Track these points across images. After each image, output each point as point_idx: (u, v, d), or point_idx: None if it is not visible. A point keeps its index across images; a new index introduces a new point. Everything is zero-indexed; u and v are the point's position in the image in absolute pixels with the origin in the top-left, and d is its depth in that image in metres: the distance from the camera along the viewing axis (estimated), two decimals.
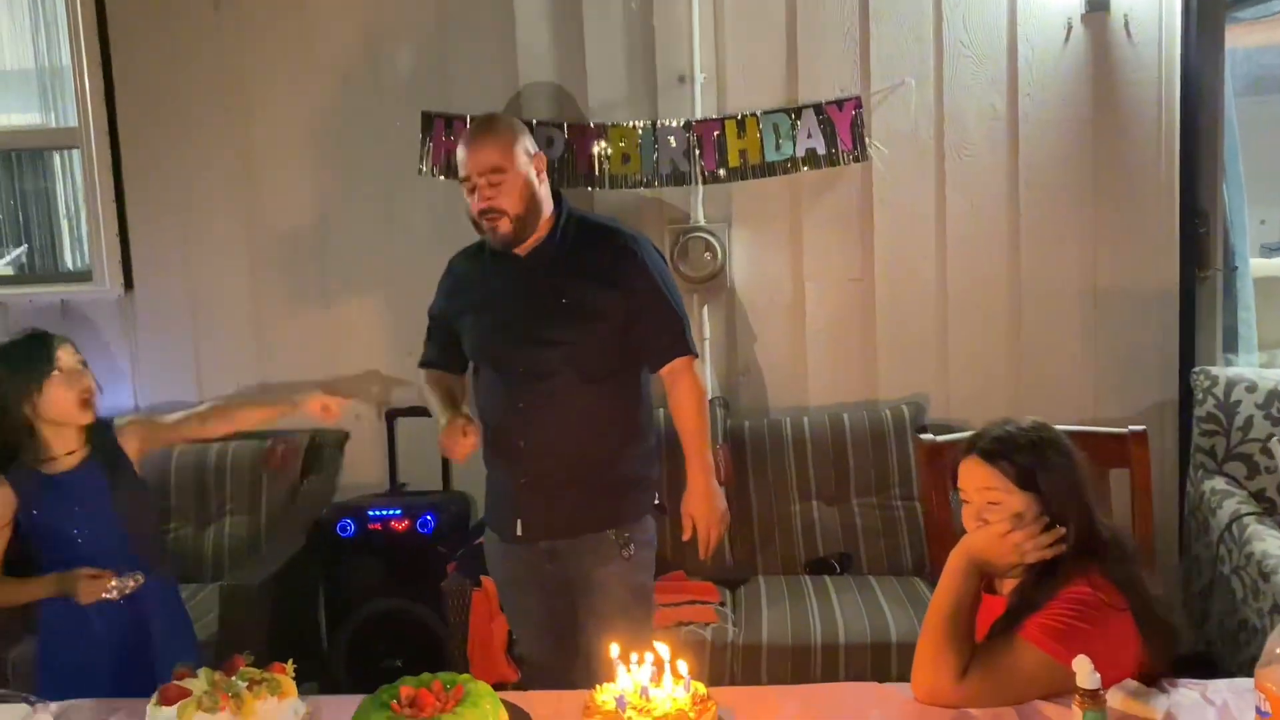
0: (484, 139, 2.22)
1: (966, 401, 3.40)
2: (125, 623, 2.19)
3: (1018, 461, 1.73)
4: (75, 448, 2.19)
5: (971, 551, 1.75)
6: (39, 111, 3.91)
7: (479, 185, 2.20)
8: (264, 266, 3.59)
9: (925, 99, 3.32)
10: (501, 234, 2.22)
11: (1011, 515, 1.71)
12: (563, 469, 2.26)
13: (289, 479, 3.41)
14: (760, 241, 3.44)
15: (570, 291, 2.25)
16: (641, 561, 2.32)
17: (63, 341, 2.19)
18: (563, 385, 2.24)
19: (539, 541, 2.30)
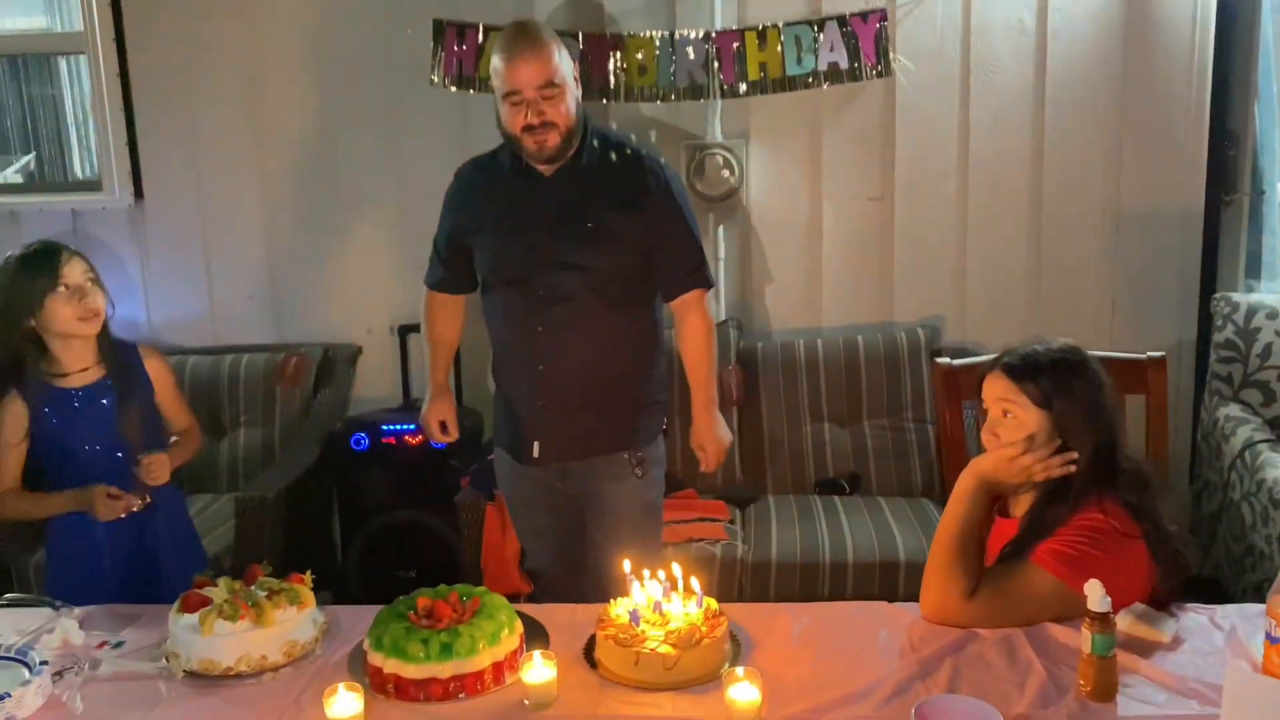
0: (531, 51, 2.11)
1: (983, 324, 3.38)
2: (131, 535, 2.21)
3: (1039, 380, 1.72)
4: (88, 364, 2.18)
5: (981, 471, 1.75)
6: (44, 15, 3.82)
7: (530, 100, 2.10)
8: (273, 176, 3.54)
9: (951, 12, 3.22)
10: (550, 148, 2.14)
11: (1024, 436, 1.71)
12: (580, 393, 2.23)
13: (302, 392, 3.42)
14: (778, 159, 3.37)
15: (595, 214, 2.19)
16: (652, 480, 2.33)
17: (72, 256, 2.16)
18: (583, 309, 2.20)
19: (556, 464, 2.30)
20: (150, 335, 3.60)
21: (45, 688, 1.51)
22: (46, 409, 2.15)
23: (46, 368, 2.16)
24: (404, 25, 3.33)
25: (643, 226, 2.21)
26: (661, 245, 2.24)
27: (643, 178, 2.23)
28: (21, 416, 2.15)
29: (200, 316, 3.64)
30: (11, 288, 2.11)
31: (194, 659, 1.58)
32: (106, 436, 2.19)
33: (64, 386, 2.16)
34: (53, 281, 2.10)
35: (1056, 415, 1.70)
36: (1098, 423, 1.71)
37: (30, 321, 2.11)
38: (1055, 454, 1.70)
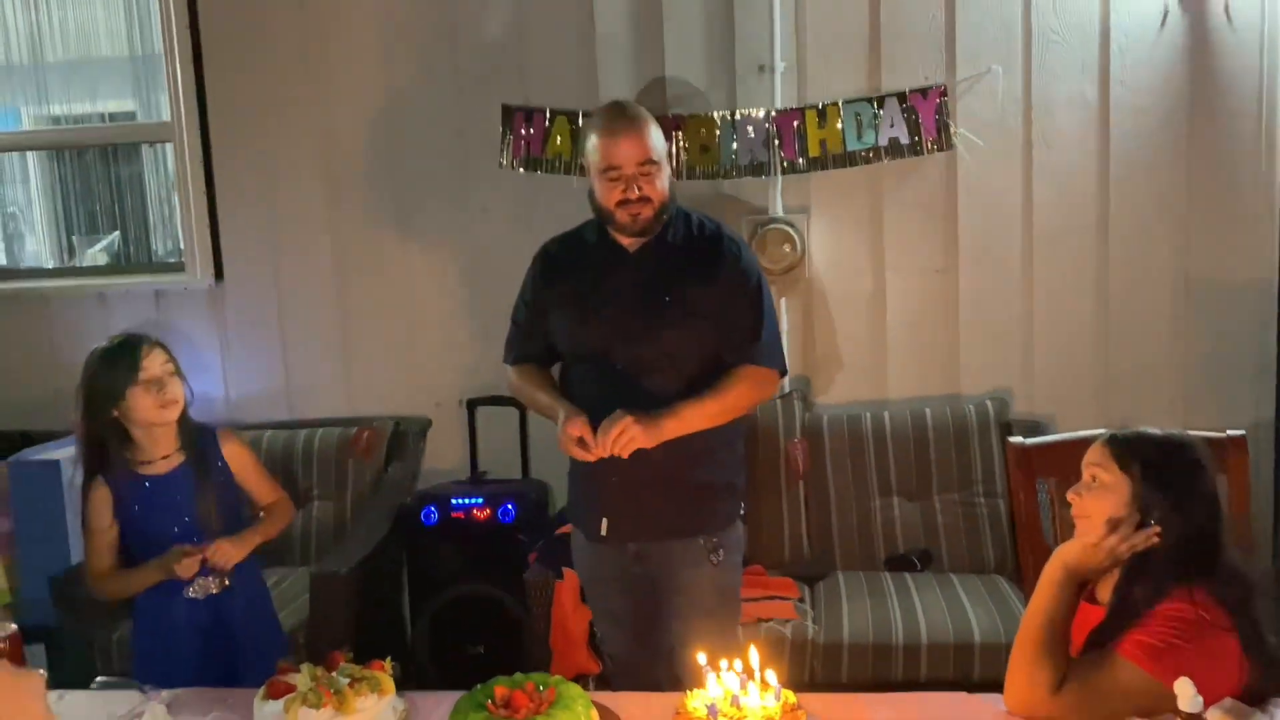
0: (631, 129, 2.20)
1: (1051, 397, 3.34)
2: (210, 615, 2.26)
3: (1134, 449, 1.71)
4: (170, 451, 2.26)
5: (1066, 560, 1.74)
6: (132, 98, 4.02)
7: (630, 175, 2.18)
8: (346, 254, 3.66)
9: (1012, 87, 3.25)
10: (643, 219, 2.21)
11: (1104, 510, 1.69)
12: (654, 471, 2.20)
13: (374, 465, 3.49)
14: (840, 232, 3.40)
15: (674, 290, 2.23)
16: (730, 565, 2.30)
17: (152, 347, 2.24)
18: (661, 385, 2.21)
19: (626, 543, 2.29)
20: (228, 411, 3.72)
21: None
22: (130, 495, 2.23)
23: (130, 455, 2.24)
24: (474, 109, 3.44)
25: (716, 301, 2.24)
26: (725, 317, 2.26)
27: (719, 254, 2.27)
28: (108, 502, 2.23)
29: (276, 392, 3.74)
30: (95, 381, 2.20)
31: None
32: (187, 521, 2.26)
33: (147, 474, 2.24)
34: (133, 374, 2.19)
35: (1140, 487, 1.68)
36: (1191, 508, 1.68)
37: (114, 412, 2.20)
38: (1138, 529, 1.68)
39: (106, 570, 2.25)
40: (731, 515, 2.33)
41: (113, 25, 4.10)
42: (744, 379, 2.26)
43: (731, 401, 2.26)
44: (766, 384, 2.33)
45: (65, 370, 3.45)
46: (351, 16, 3.54)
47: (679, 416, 2.19)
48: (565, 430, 2.18)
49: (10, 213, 4.36)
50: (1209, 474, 1.71)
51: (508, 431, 3.54)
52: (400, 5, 3.52)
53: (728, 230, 2.35)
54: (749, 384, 2.28)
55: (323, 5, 3.55)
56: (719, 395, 2.23)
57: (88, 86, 4.08)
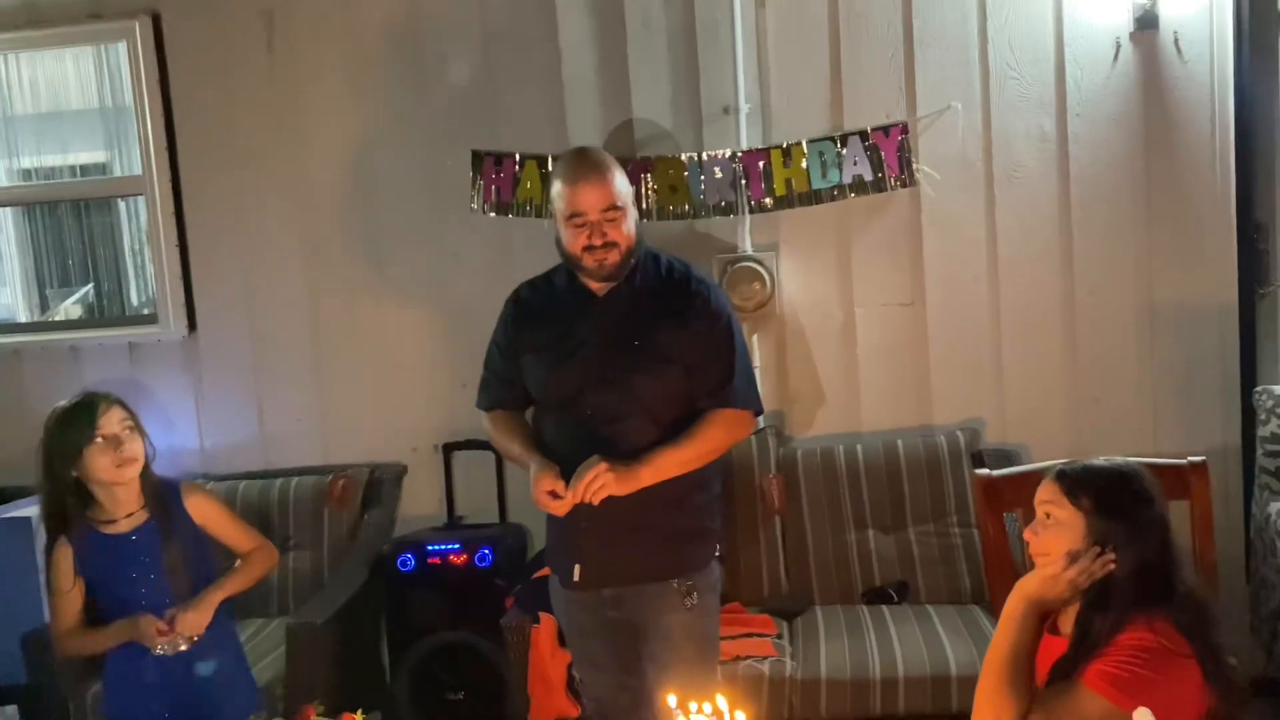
0: (594, 176, 2.22)
1: (1023, 425, 3.37)
2: (182, 668, 2.25)
3: (1085, 485, 1.73)
4: (133, 509, 2.25)
5: (1027, 593, 1.76)
6: (104, 149, 4.04)
7: (594, 222, 2.20)
8: (321, 302, 3.67)
9: (972, 122, 3.31)
10: (609, 265, 2.22)
11: (1062, 544, 1.71)
12: (625, 516, 2.20)
13: (349, 513, 3.48)
14: (809, 268, 3.44)
15: (644, 334, 2.24)
16: (705, 608, 2.29)
17: (110, 405, 2.23)
18: (631, 429, 2.21)
19: (599, 589, 2.29)
20: (202, 462, 3.71)
21: None
22: (94, 555, 2.22)
23: (93, 515, 2.23)
24: (445, 155, 3.47)
25: (687, 345, 2.25)
26: (698, 361, 2.27)
27: (690, 297, 2.29)
28: (70, 562, 2.22)
29: (251, 441, 3.73)
30: (53, 441, 2.20)
31: None
32: (153, 579, 2.25)
33: (110, 532, 2.24)
34: (90, 433, 2.18)
35: (1095, 521, 1.70)
36: (1145, 539, 1.70)
37: (73, 472, 2.20)
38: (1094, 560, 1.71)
39: (71, 630, 2.23)
40: (705, 558, 2.33)
41: (83, 78, 4.13)
42: (718, 423, 2.27)
43: (706, 446, 2.27)
44: (741, 426, 2.34)
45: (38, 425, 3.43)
46: (320, 66, 3.58)
47: (653, 464, 2.20)
48: (536, 484, 2.19)
49: None
50: (1157, 502, 1.74)
51: (485, 476, 3.55)
52: (369, 54, 3.56)
53: (697, 272, 2.37)
54: (724, 427, 2.29)
55: (292, 56, 3.58)
56: (693, 440, 2.24)
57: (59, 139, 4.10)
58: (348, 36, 3.56)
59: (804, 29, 3.34)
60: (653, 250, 2.39)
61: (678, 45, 3.40)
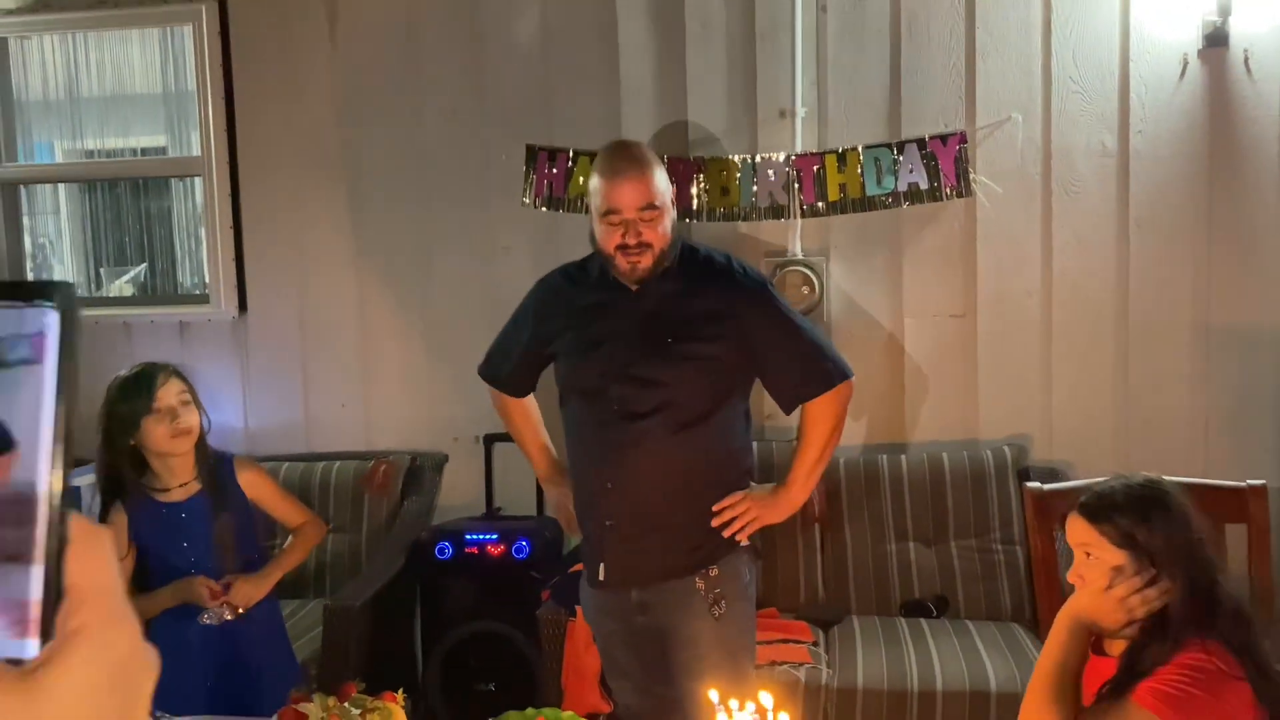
0: (634, 173, 2.14)
1: (1070, 443, 3.32)
2: (225, 644, 2.28)
3: (1118, 521, 1.69)
4: (186, 479, 2.29)
5: (1077, 611, 1.72)
6: (164, 133, 4.10)
7: (630, 220, 2.11)
8: (370, 290, 3.70)
9: (1032, 135, 3.27)
10: (641, 269, 2.15)
11: (1110, 569, 1.67)
12: (651, 514, 2.17)
13: (389, 499, 3.50)
14: (859, 275, 3.42)
15: (677, 331, 2.17)
16: (735, 615, 2.21)
17: (169, 377, 2.26)
18: (658, 427, 2.15)
19: (625, 590, 2.23)
20: (247, 442, 3.74)
21: None
22: (147, 522, 2.25)
23: (148, 483, 2.27)
24: (499, 149, 3.49)
25: (735, 345, 2.17)
26: (765, 358, 2.20)
27: (732, 293, 2.20)
28: (123, 528, 2.25)
29: (295, 424, 3.77)
30: (112, 410, 2.23)
31: None
32: (204, 548, 2.28)
33: (164, 500, 2.27)
34: (148, 404, 2.21)
35: (1139, 554, 1.67)
36: (1186, 559, 1.67)
37: (130, 441, 2.23)
38: (1148, 585, 1.67)
39: None
40: (727, 548, 2.22)
41: (148, 62, 4.19)
42: (824, 410, 2.22)
43: (826, 437, 2.24)
44: (844, 399, 2.26)
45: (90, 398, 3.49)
46: (382, 57, 3.61)
47: (796, 482, 2.23)
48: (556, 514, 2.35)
49: (40, 243, 4.43)
50: (1190, 515, 1.70)
51: (524, 468, 3.49)
52: (430, 47, 3.59)
53: (740, 263, 2.28)
54: (831, 411, 2.23)
55: (354, 45, 3.62)
56: (811, 439, 2.23)
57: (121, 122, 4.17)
58: (408, 30, 3.59)
59: (865, 34, 3.33)
60: (690, 243, 2.31)
61: (736, 47, 3.40)
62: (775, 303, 2.25)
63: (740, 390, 2.27)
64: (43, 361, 0.43)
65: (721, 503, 2.20)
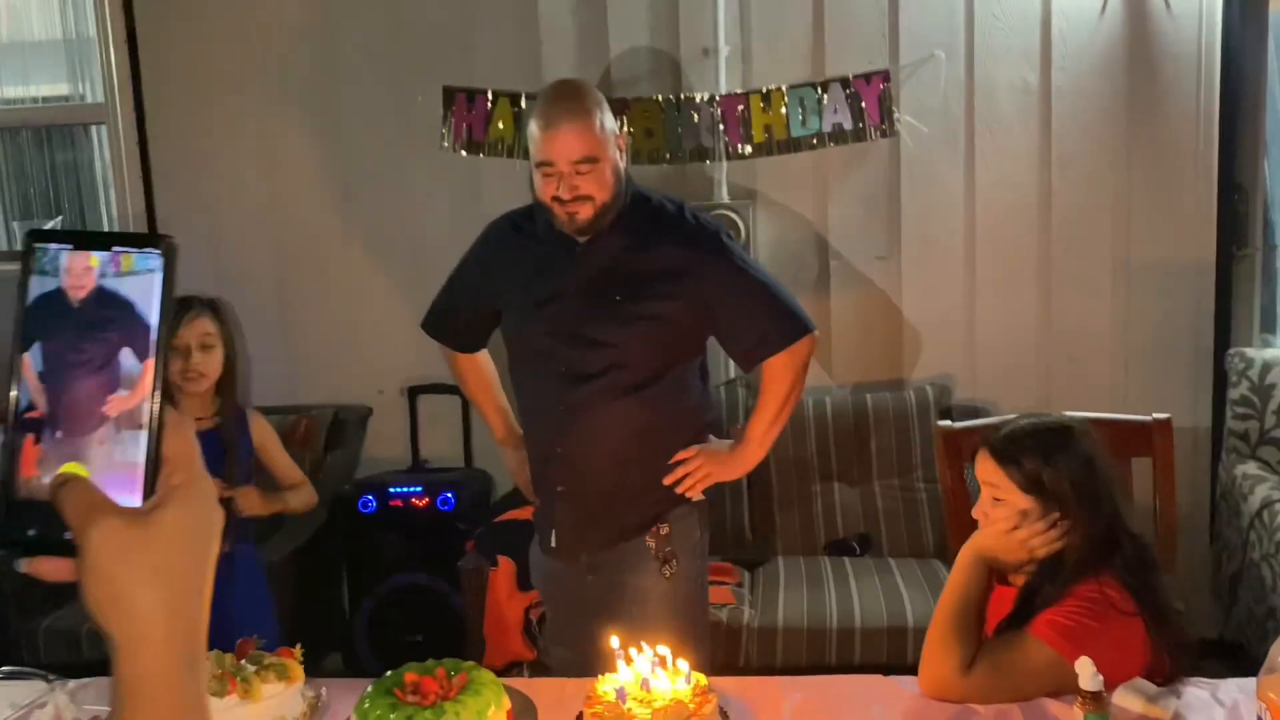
0: (569, 123, 1.96)
1: (995, 382, 3.35)
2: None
3: (1024, 464, 1.70)
4: (202, 415, 2.33)
5: (979, 548, 1.74)
6: (66, 82, 3.93)
7: (564, 173, 1.96)
8: (286, 240, 3.61)
9: (955, 73, 3.25)
10: (580, 221, 2.00)
11: (1016, 512, 1.69)
12: (602, 480, 2.10)
13: (313, 454, 3.43)
14: (785, 218, 3.39)
15: (626, 288, 2.04)
16: (686, 573, 2.14)
17: (198, 317, 2.30)
18: (608, 389, 2.05)
19: (576, 556, 2.16)
20: None
21: None
22: None
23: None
24: (415, 91, 3.39)
25: (689, 303, 2.05)
26: (720, 316, 2.08)
27: (686, 248, 2.06)
28: None
29: None
30: None
31: None
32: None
33: None
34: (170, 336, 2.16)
35: (1044, 497, 1.68)
36: (1089, 500, 1.68)
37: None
38: (1051, 528, 1.68)
39: None
40: (678, 500, 2.15)
41: (46, 7, 3.99)
42: (785, 367, 2.12)
43: (785, 392, 2.14)
44: (803, 354, 2.14)
45: None
46: None
47: (752, 439, 2.16)
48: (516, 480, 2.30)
49: None
50: (1098, 457, 1.71)
51: (451, 419, 3.51)
52: None
53: (692, 214, 2.13)
54: (791, 368, 2.13)
55: None
56: (771, 396, 2.13)
57: (19, 71, 3.98)
58: None
59: None
60: (643, 192, 2.13)
61: None
62: (730, 256, 2.10)
63: (696, 347, 2.17)
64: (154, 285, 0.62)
65: (675, 457, 2.12)
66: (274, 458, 2.51)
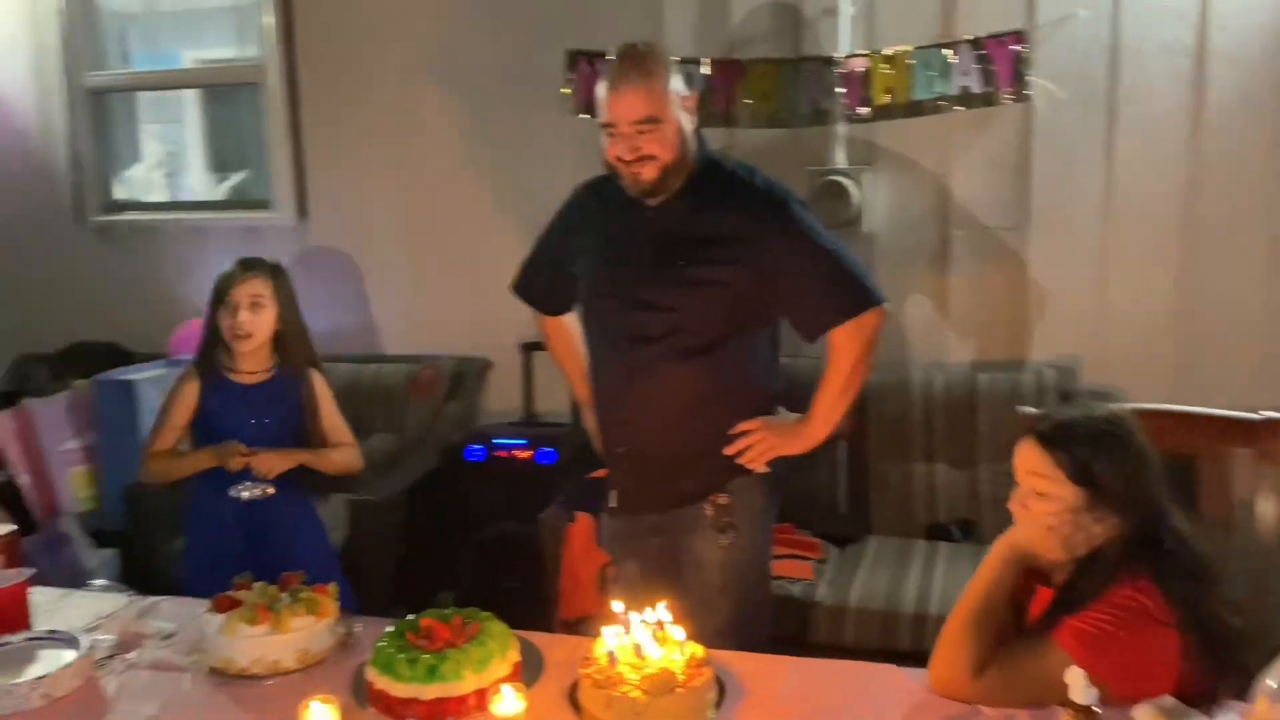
0: (633, 83, 1.97)
1: (1125, 367, 3.12)
2: (256, 522, 2.46)
3: (1075, 453, 1.58)
4: (258, 369, 2.51)
5: (1014, 542, 1.65)
6: (234, 47, 4.22)
7: (627, 135, 1.98)
8: (419, 199, 3.77)
9: (1098, 33, 3.01)
10: (644, 181, 2.01)
11: (1059, 506, 1.58)
12: (660, 443, 2.10)
13: (433, 403, 3.60)
14: (904, 185, 3.26)
15: (691, 254, 2.03)
16: (746, 544, 2.12)
17: (250, 278, 2.48)
18: (667, 353, 2.05)
19: (638, 516, 2.19)
20: None
21: (85, 670, 1.68)
22: (217, 396, 2.49)
23: (227, 363, 2.50)
24: (542, 54, 3.45)
25: (750, 270, 2.03)
26: (782, 284, 2.05)
27: (749, 212, 2.04)
28: (193, 393, 2.50)
29: (353, 327, 3.91)
30: (213, 291, 2.49)
31: (216, 657, 1.71)
32: (261, 432, 2.48)
33: (236, 381, 2.50)
34: (223, 296, 2.44)
35: (1094, 489, 1.56)
36: (1136, 499, 1.56)
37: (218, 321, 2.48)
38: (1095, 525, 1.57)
39: (161, 453, 2.48)
40: (740, 471, 2.13)
41: None
42: (849, 338, 2.07)
43: (851, 367, 2.09)
44: (871, 326, 2.09)
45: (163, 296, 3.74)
46: None
47: (818, 415, 2.11)
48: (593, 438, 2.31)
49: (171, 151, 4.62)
50: (1150, 456, 1.58)
51: (563, 377, 3.57)
52: None
53: (763, 181, 2.10)
54: (857, 339, 2.08)
55: None
56: (836, 369, 2.09)
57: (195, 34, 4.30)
58: None
59: None
60: (714, 156, 2.15)
61: None
62: (796, 222, 2.06)
63: (762, 316, 2.13)
64: None
65: (737, 427, 2.11)
66: (326, 414, 2.60)
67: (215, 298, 2.48)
